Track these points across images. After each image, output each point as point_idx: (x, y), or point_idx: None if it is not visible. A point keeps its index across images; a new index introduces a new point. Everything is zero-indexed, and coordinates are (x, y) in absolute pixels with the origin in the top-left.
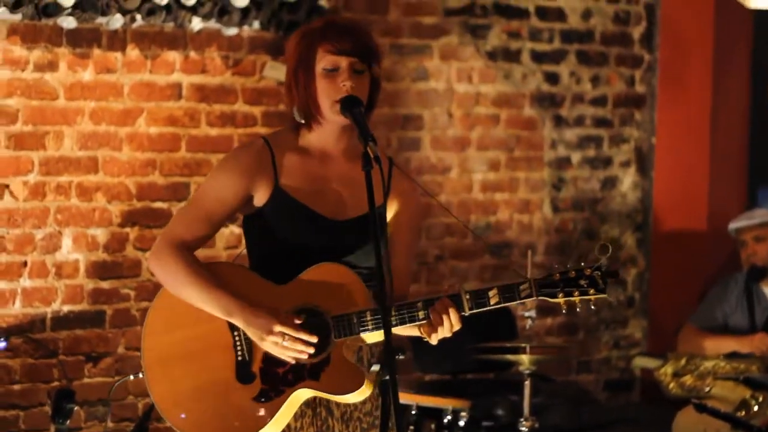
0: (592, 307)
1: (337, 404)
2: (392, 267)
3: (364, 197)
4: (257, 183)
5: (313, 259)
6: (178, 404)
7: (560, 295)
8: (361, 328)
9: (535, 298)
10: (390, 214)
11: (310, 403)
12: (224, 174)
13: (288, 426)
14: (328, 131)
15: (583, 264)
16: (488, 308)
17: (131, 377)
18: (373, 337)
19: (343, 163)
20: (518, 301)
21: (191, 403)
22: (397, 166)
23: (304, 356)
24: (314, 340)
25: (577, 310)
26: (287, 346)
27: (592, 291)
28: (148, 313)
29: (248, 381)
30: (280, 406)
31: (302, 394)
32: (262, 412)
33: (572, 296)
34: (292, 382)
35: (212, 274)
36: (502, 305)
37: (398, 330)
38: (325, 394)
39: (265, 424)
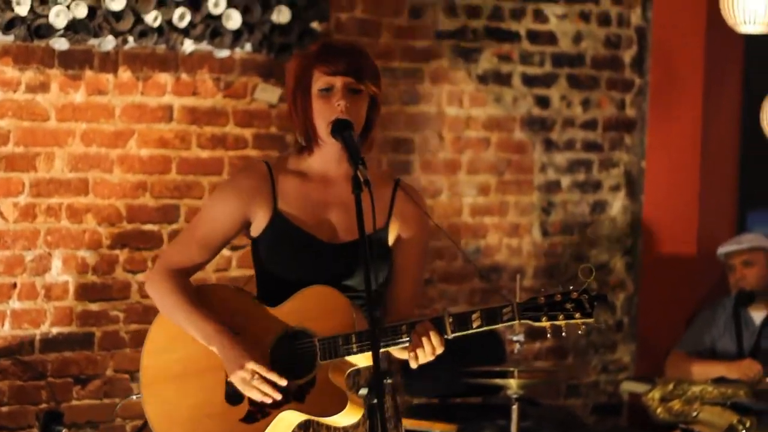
0: (579, 332)
1: (328, 428)
2: (397, 291)
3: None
4: (255, 208)
5: (309, 283)
6: (172, 424)
7: (544, 318)
8: (346, 351)
9: (517, 321)
10: (393, 236)
11: (302, 425)
12: (222, 199)
13: None
14: (329, 154)
15: (570, 288)
16: (471, 331)
17: (134, 397)
18: (362, 359)
19: (344, 186)
20: (501, 325)
21: (184, 423)
22: (403, 189)
23: (269, 400)
24: (283, 383)
25: (563, 334)
26: (254, 385)
27: (578, 315)
28: (148, 333)
29: (236, 402)
30: (266, 428)
31: (288, 416)
32: None
33: (557, 320)
34: (278, 404)
35: (202, 298)
36: (485, 328)
37: (391, 351)
38: (309, 416)
39: None
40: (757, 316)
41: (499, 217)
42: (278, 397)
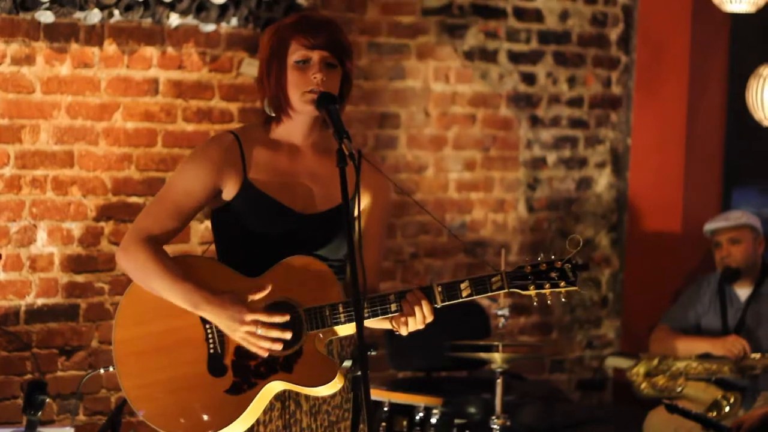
0: (563, 299)
1: (307, 397)
2: (363, 260)
3: (333, 191)
4: (225, 176)
5: (282, 253)
6: (150, 398)
7: (531, 287)
8: (333, 321)
9: (506, 290)
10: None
11: (280, 396)
12: (192, 167)
13: (256, 419)
14: (297, 124)
15: (553, 257)
16: (460, 300)
17: (101, 371)
18: (346, 329)
19: (312, 157)
20: (490, 293)
21: (163, 396)
22: (366, 158)
23: (278, 347)
24: (287, 325)
25: (548, 302)
26: (261, 334)
27: (562, 283)
28: (119, 306)
29: (220, 374)
30: (252, 399)
31: (274, 387)
32: (233, 405)
33: (543, 288)
34: (265, 375)
35: (182, 267)
36: (474, 297)
37: (370, 323)
38: (297, 386)
39: (237, 417)
40: (742, 292)
41: (485, 192)
42: (288, 336)
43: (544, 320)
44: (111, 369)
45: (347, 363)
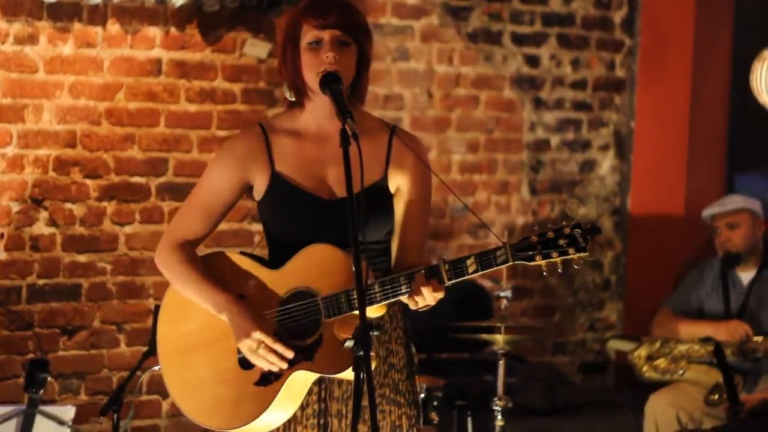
0: (575, 266)
1: (339, 383)
2: (402, 241)
3: (360, 174)
4: (252, 171)
5: (317, 241)
6: (191, 392)
7: (538, 257)
8: (349, 307)
9: (512, 262)
10: (393, 185)
11: (318, 382)
12: (219, 166)
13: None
14: (320, 109)
15: (563, 223)
16: (468, 277)
17: (156, 368)
18: (370, 312)
19: (338, 140)
20: (495, 267)
21: (202, 390)
22: (399, 136)
23: (275, 368)
24: (290, 355)
25: (559, 271)
26: (261, 354)
27: (572, 251)
28: (162, 305)
29: (249, 367)
30: (279, 389)
31: (300, 376)
32: (263, 395)
33: (552, 257)
34: (290, 365)
35: (208, 268)
36: (481, 272)
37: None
38: (320, 374)
39: (267, 407)
40: (745, 276)
41: (488, 174)
42: (284, 365)
43: (546, 303)
44: (156, 369)
45: (349, 343)
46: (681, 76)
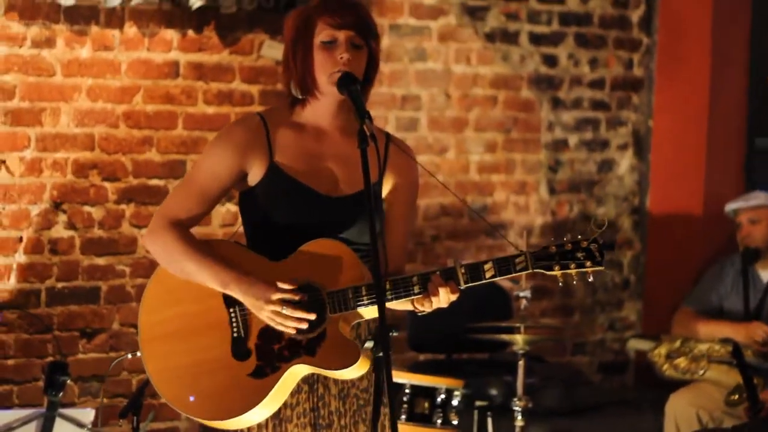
0: (589, 279)
1: (335, 381)
2: (388, 243)
3: (359, 174)
4: (251, 159)
5: (308, 236)
6: (174, 381)
7: (556, 267)
8: (356, 303)
9: (531, 270)
10: (386, 189)
11: (308, 380)
12: (218, 150)
13: (283, 402)
14: (324, 106)
15: (579, 237)
16: (484, 281)
17: (129, 356)
18: (370, 312)
19: (339, 139)
20: (514, 274)
21: (187, 380)
22: (394, 142)
23: (303, 326)
24: (312, 316)
25: (574, 282)
26: (287, 314)
27: (588, 263)
28: (145, 291)
29: (244, 358)
30: (275, 383)
31: (298, 370)
32: (256, 388)
33: (569, 269)
34: (288, 358)
35: (207, 249)
36: (498, 278)
37: (392, 304)
38: (321, 369)
39: (260, 401)
40: (765, 274)
41: (506, 174)
42: (313, 317)
43: (565, 302)
44: (137, 354)
45: (369, 344)
46: (699, 74)
